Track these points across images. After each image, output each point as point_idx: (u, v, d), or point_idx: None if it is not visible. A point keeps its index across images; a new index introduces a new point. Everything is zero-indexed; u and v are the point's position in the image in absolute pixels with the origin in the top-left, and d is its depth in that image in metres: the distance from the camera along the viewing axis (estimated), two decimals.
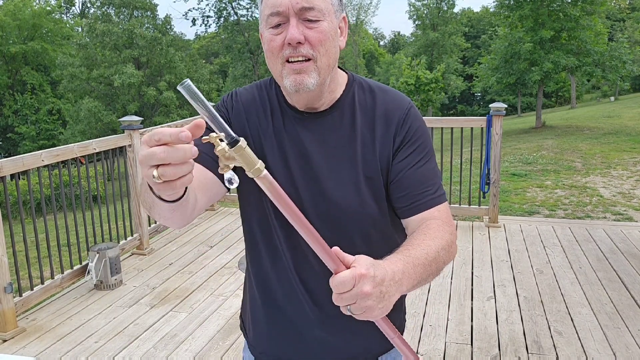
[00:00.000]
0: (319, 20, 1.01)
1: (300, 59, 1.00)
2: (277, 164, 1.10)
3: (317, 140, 1.09)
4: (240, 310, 1.35)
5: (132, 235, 4.46)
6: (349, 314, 0.81)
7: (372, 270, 0.79)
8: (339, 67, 1.14)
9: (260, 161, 0.73)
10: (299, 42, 0.99)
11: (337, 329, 1.16)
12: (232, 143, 0.71)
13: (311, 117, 1.10)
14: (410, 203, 1.08)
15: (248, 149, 0.72)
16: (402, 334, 1.24)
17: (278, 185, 0.75)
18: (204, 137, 0.72)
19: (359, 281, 0.77)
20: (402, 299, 1.26)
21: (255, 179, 0.73)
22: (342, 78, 1.15)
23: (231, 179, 0.75)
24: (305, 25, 1.00)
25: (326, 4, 1.02)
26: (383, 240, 1.14)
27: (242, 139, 0.72)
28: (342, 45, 1.08)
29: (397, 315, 1.25)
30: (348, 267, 0.80)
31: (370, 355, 1.21)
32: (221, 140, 0.72)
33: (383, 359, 1.23)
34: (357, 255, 0.82)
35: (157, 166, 0.69)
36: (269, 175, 0.74)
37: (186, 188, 0.82)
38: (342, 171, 1.08)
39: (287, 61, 1.01)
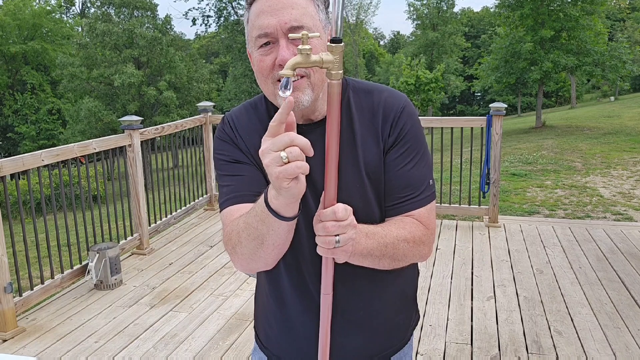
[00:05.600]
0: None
1: (293, 78, 1.00)
2: None
3: (318, 149, 1.09)
4: (253, 316, 1.35)
5: (132, 235, 4.46)
6: (333, 247, 0.89)
7: None
8: None
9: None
10: None
11: (355, 331, 1.17)
12: (337, 41, 0.79)
13: (309, 128, 1.10)
14: (392, 204, 1.10)
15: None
16: (413, 331, 1.31)
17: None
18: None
19: (350, 214, 0.90)
20: (414, 298, 1.31)
21: (330, 80, 0.84)
22: None
23: (288, 82, 0.80)
24: (295, 44, 0.99)
25: (314, 21, 1.01)
26: None
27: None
28: None
29: (413, 311, 1.30)
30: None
31: (384, 354, 1.23)
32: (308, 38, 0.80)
33: (395, 359, 1.24)
34: None
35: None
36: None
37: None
38: (346, 175, 1.09)
39: (279, 80, 1.01)
